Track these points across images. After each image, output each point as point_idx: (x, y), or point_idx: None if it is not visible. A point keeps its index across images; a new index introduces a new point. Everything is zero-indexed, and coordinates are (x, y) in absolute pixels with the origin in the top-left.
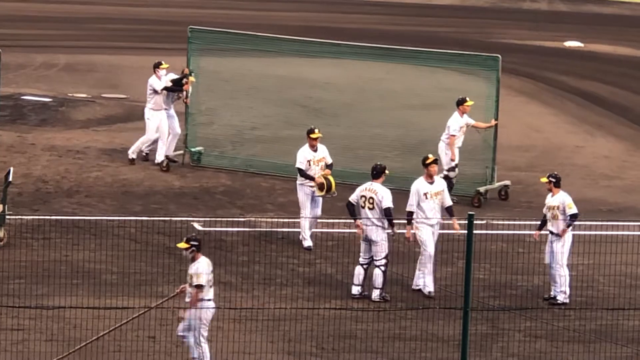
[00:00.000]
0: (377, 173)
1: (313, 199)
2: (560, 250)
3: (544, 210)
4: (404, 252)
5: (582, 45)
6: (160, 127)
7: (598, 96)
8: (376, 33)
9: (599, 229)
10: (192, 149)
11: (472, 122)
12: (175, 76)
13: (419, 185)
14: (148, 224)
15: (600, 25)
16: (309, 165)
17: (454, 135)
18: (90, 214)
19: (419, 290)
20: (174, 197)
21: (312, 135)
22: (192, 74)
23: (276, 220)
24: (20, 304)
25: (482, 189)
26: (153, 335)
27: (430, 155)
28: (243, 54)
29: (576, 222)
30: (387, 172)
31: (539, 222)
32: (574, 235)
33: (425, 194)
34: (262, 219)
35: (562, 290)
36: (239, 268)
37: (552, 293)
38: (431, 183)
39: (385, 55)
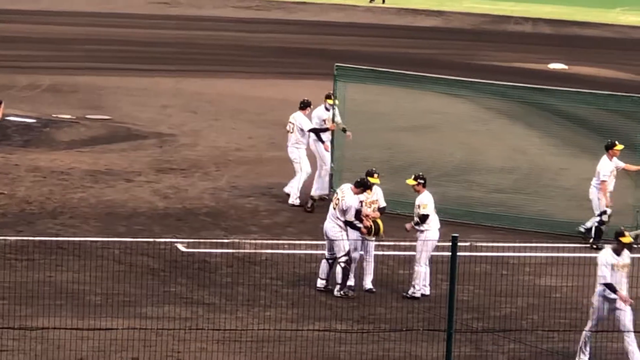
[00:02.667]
0: (358, 182)
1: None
2: (420, 249)
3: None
4: (388, 273)
5: (566, 67)
6: (300, 165)
7: (582, 117)
8: (361, 55)
9: (583, 251)
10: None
11: (621, 165)
12: (323, 111)
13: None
14: (132, 245)
15: (584, 47)
16: (361, 205)
17: (604, 181)
18: (74, 235)
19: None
20: (157, 218)
21: (371, 180)
22: (336, 101)
23: (260, 241)
24: (3, 324)
25: (632, 234)
26: (136, 357)
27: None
28: (390, 90)
29: (562, 245)
30: (371, 179)
31: (522, 245)
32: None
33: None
34: (246, 241)
35: (414, 284)
36: (222, 289)
37: (426, 292)
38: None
39: (530, 95)
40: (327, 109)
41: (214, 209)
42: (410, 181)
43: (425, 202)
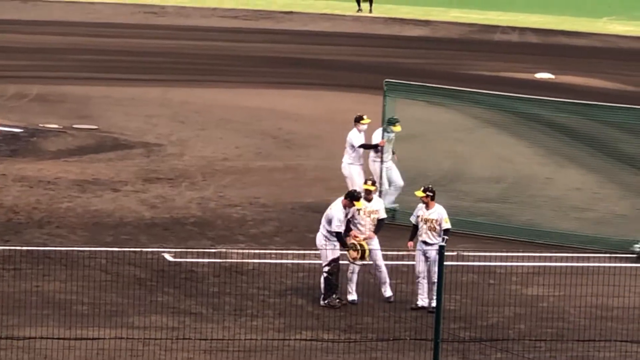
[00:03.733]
0: (347, 193)
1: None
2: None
3: (417, 221)
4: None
5: (553, 77)
6: (356, 182)
7: (569, 127)
8: (348, 64)
9: (569, 261)
10: (388, 206)
11: None
12: (379, 132)
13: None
14: (119, 255)
15: (570, 57)
16: (358, 213)
17: None
18: (61, 245)
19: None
20: (144, 228)
21: (364, 186)
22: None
23: (247, 251)
24: None
25: None
26: None
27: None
28: (440, 106)
29: (549, 254)
30: (356, 203)
31: (509, 254)
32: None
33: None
34: (233, 250)
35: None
36: (209, 299)
37: (419, 302)
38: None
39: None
40: (388, 132)
41: (201, 219)
42: (419, 193)
43: (446, 215)
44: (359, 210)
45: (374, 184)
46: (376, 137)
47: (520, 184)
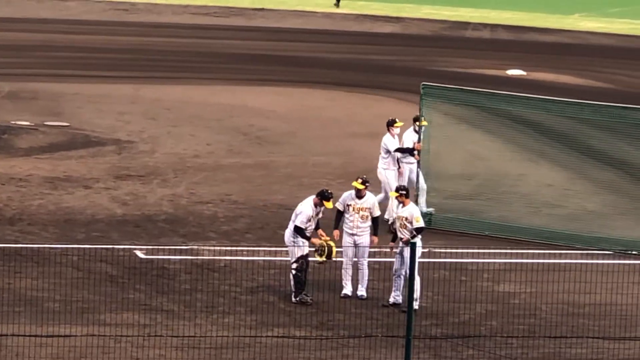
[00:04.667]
0: (318, 193)
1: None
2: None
3: (392, 219)
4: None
5: (524, 73)
6: (393, 187)
7: (541, 124)
8: (320, 61)
9: (541, 257)
10: (423, 210)
11: None
12: (413, 134)
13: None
14: (90, 252)
15: (542, 53)
16: (348, 210)
17: None
18: (33, 242)
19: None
20: (116, 225)
21: (354, 184)
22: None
23: (219, 248)
24: None
25: None
26: None
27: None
28: (476, 110)
29: (521, 251)
30: (326, 202)
31: (481, 251)
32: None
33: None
34: (205, 247)
35: (417, 298)
36: (181, 296)
37: (391, 299)
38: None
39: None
40: (416, 131)
41: (172, 216)
42: (393, 194)
43: (418, 214)
44: (349, 205)
45: (364, 182)
46: (407, 138)
47: (492, 180)
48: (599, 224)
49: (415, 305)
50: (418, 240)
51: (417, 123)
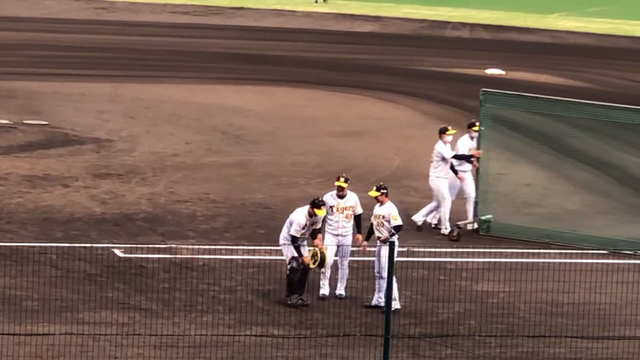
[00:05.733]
0: (311, 202)
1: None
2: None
3: (372, 219)
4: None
5: (503, 73)
6: (444, 195)
7: (520, 124)
8: (299, 60)
9: (519, 257)
10: (482, 217)
11: None
12: (468, 140)
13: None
14: (69, 251)
15: (521, 52)
16: (332, 211)
17: None
18: (11, 241)
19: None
20: (95, 223)
21: (336, 183)
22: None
23: (197, 247)
24: None
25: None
26: None
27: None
28: (536, 117)
29: (499, 250)
30: (317, 210)
31: (460, 250)
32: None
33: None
34: (184, 246)
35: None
36: (159, 295)
37: (373, 301)
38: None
39: None
40: (472, 138)
41: (151, 215)
42: (373, 193)
43: (395, 212)
44: (331, 207)
45: (346, 180)
46: (462, 145)
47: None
48: (578, 223)
49: (397, 305)
50: (395, 238)
51: (473, 129)
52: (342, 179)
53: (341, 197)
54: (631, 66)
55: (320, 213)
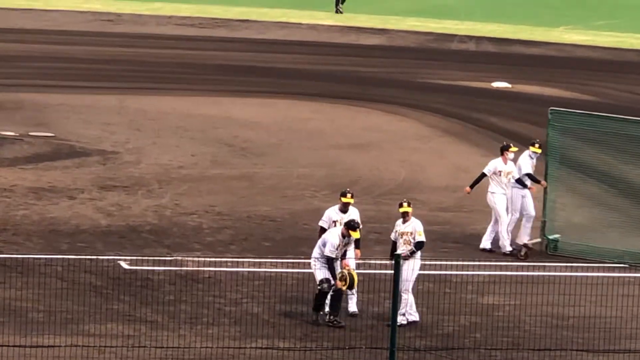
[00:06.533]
0: (345, 223)
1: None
2: (411, 276)
3: (393, 236)
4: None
5: (509, 86)
6: (500, 211)
7: (526, 137)
8: (305, 73)
9: (525, 270)
10: (550, 237)
11: None
12: (529, 160)
13: None
14: (75, 263)
15: (527, 66)
16: (335, 226)
17: None
18: (17, 252)
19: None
20: (100, 235)
21: (344, 199)
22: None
23: (203, 259)
24: None
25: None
26: None
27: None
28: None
29: (504, 263)
30: (352, 232)
31: (465, 263)
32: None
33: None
34: (189, 258)
35: (403, 313)
36: (165, 307)
37: (403, 320)
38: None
39: None
40: (531, 157)
41: (157, 227)
42: (406, 208)
43: (421, 228)
44: (335, 222)
45: (352, 196)
46: (524, 164)
47: (476, 193)
48: (586, 237)
49: (408, 319)
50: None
51: (532, 148)
52: (349, 195)
53: (344, 212)
54: (637, 79)
55: (355, 235)
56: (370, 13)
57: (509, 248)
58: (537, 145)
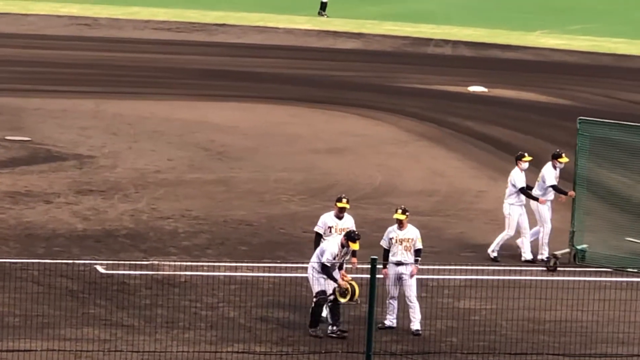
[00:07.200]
0: (345, 234)
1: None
2: (414, 283)
3: (390, 243)
4: (307, 295)
5: (486, 90)
6: (521, 224)
7: (502, 141)
8: (282, 77)
9: (501, 274)
10: (578, 247)
11: None
12: (552, 170)
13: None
14: (51, 267)
15: (503, 70)
16: (330, 232)
17: None
18: None
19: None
20: (77, 240)
21: (339, 205)
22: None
23: (179, 263)
24: None
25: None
26: None
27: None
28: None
29: (480, 267)
30: (352, 244)
31: (442, 267)
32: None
33: None
34: (165, 263)
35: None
36: (141, 311)
37: (387, 322)
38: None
39: None
40: (555, 167)
41: (133, 231)
42: (400, 215)
43: (419, 234)
44: (330, 228)
45: (348, 201)
46: (548, 174)
47: (452, 197)
48: (558, 240)
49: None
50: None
51: (559, 160)
52: (344, 200)
53: (340, 218)
54: (613, 84)
55: (355, 247)
56: (347, 17)
57: (528, 255)
58: (564, 156)
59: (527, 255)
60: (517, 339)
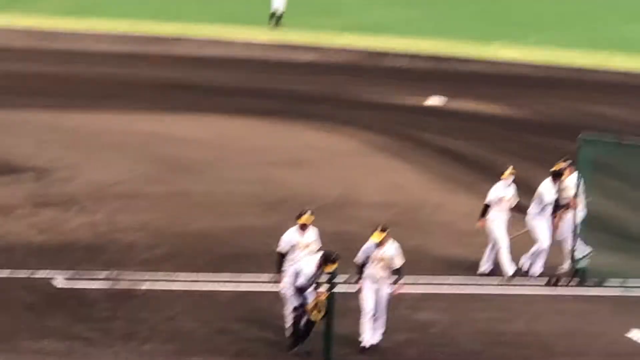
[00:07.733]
0: (322, 255)
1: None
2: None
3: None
4: (266, 308)
5: (444, 102)
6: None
7: (460, 153)
8: (239, 90)
9: (460, 286)
10: (579, 266)
11: None
12: (551, 185)
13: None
14: (8, 280)
15: (461, 82)
16: (294, 249)
17: None
18: None
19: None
20: (35, 252)
21: (299, 221)
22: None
23: (138, 276)
24: None
25: None
26: None
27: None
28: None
29: (438, 280)
30: (332, 264)
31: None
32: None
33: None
34: (124, 276)
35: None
36: (99, 324)
37: (365, 343)
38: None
39: None
40: (555, 183)
41: (91, 243)
42: (379, 235)
43: (400, 250)
44: (293, 245)
45: (313, 213)
46: (546, 190)
47: (411, 209)
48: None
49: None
50: None
51: (559, 179)
52: (304, 216)
53: (303, 232)
54: (570, 95)
55: (329, 269)
56: (303, 30)
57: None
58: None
59: (508, 270)
60: (476, 350)
